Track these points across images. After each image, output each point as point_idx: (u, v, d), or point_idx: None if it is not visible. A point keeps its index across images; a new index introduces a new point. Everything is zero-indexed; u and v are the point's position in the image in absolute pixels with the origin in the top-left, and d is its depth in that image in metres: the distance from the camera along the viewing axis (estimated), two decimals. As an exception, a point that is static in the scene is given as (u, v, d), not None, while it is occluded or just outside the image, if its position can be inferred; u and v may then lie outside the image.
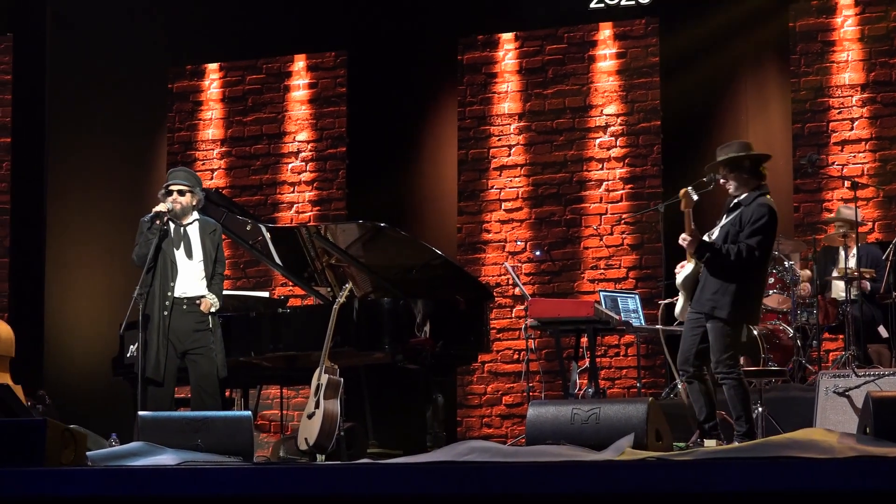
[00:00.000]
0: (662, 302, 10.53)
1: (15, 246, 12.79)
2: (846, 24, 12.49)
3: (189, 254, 9.47)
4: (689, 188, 8.45)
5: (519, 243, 13.07)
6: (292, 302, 12.27)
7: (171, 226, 9.46)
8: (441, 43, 13.55)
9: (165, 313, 9.28)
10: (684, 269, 8.61)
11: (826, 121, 12.44)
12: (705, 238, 8.51)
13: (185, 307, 9.37)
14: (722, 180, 8.62)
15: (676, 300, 8.93)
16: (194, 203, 9.57)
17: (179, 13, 13.96)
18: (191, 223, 9.55)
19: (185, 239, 9.49)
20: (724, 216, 8.63)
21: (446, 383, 11.19)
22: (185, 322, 9.35)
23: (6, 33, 14.04)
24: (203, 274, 9.49)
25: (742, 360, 9.55)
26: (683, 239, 8.44)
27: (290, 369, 10.92)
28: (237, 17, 13.90)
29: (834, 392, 9.33)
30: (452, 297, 10.48)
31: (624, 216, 12.81)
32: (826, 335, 11.35)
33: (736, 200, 8.59)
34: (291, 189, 13.81)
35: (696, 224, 8.46)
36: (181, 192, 9.49)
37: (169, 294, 9.33)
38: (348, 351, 10.05)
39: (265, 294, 12.19)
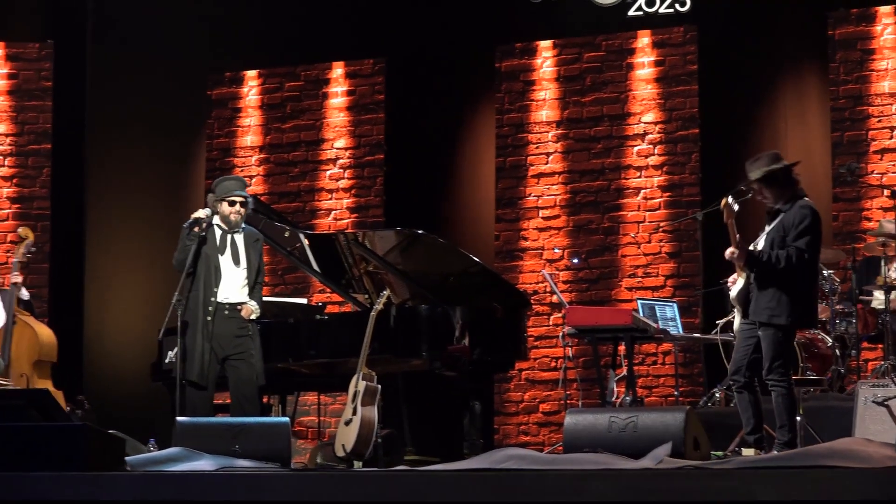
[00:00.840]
0: (720, 322, 10.50)
1: (55, 252, 12.86)
2: (886, 32, 12.43)
3: (236, 261, 9.49)
4: (729, 198, 8.41)
5: (556, 251, 13.05)
6: (330, 309, 12.28)
7: (217, 232, 9.49)
8: (479, 50, 13.56)
9: (209, 318, 9.31)
10: (736, 285, 8.58)
11: (865, 129, 12.39)
12: (750, 249, 8.49)
13: (227, 313, 9.40)
14: (759, 196, 8.60)
15: (732, 317, 8.94)
16: (245, 213, 9.64)
17: (218, 20, 14.02)
18: (238, 231, 9.59)
19: (233, 246, 9.51)
20: (767, 225, 8.61)
21: (483, 391, 11.19)
22: (227, 328, 9.38)
23: (47, 40, 14.11)
24: (246, 282, 9.51)
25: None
26: (731, 253, 8.42)
27: (327, 376, 10.93)
28: (276, 25, 13.94)
29: (873, 402, 9.29)
30: (490, 304, 10.48)
31: (662, 224, 12.78)
32: (865, 344, 11.29)
33: (776, 208, 8.57)
34: (329, 196, 13.83)
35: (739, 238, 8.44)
36: (243, 204, 9.53)
37: (212, 299, 9.36)
38: (386, 358, 10.06)
39: (303, 301, 12.21)
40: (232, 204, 9.50)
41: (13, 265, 11.27)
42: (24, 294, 11.31)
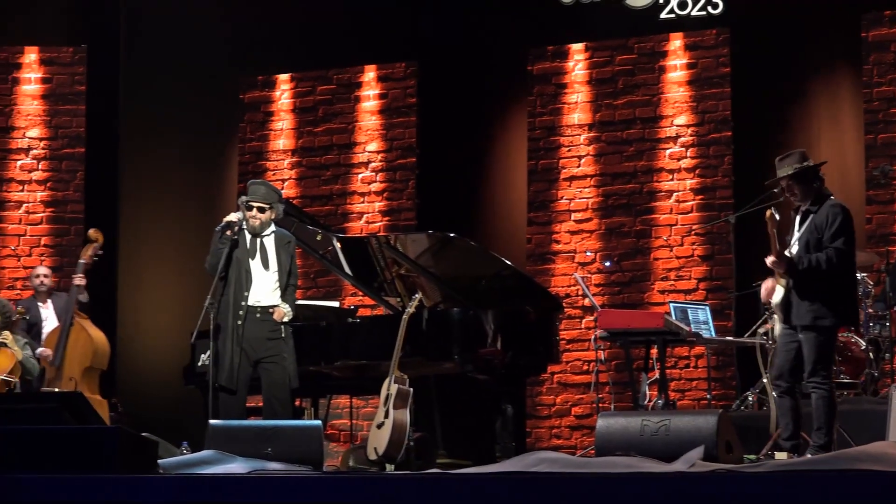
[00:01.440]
0: (760, 330, 10.47)
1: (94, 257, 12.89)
2: (920, 34, 12.40)
3: (265, 264, 9.52)
4: (772, 209, 8.43)
5: (589, 254, 13.04)
6: (362, 312, 12.30)
7: (248, 236, 9.52)
8: (511, 53, 13.56)
9: (239, 322, 9.33)
10: (776, 293, 8.57)
11: (900, 131, 12.36)
12: (786, 254, 8.49)
13: (258, 315, 9.42)
14: (787, 193, 8.60)
15: (772, 326, 8.94)
16: (272, 217, 9.64)
17: (251, 24, 14.06)
18: (268, 235, 9.61)
19: (262, 250, 9.54)
20: (797, 228, 8.60)
21: (515, 394, 11.18)
22: (259, 331, 9.40)
23: (80, 44, 14.17)
24: (277, 285, 9.53)
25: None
26: (773, 262, 8.42)
27: (359, 379, 10.94)
28: (308, 28, 13.97)
29: (907, 405, 9.25)
30: (522, 307, 10.48)
31: (694, 227, 12.76)
32: (899, 348, 11.25)
33: (804, 209, 8.57)
34: (361, 199, 13.85)
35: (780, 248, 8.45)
36: (260, 209, 9.54)
37: (243, 303, 9.38)
38: (418, 361, 10.07)
39: (335, 304, 12.23)
40: (249, 208, 9.53)
41: (78, 266, 11.35)
42: (84, 297, 11.38)
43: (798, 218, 8.64)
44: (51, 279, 11.91)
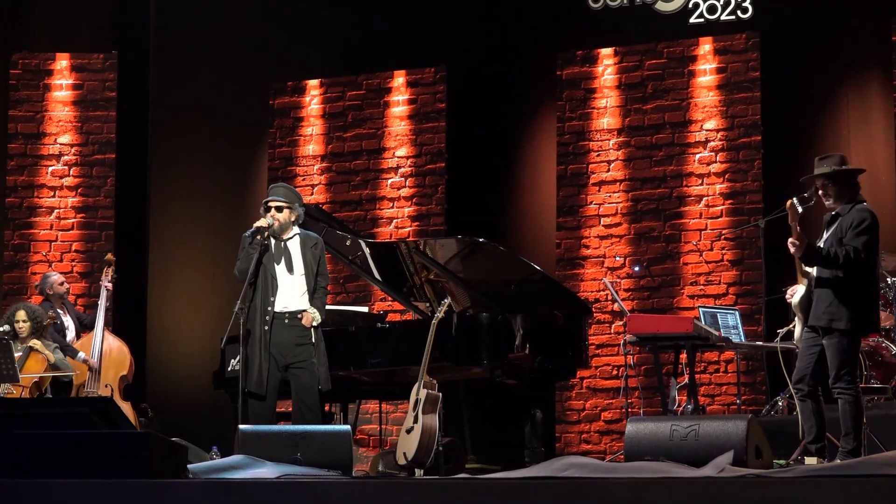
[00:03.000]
0: (781, 331, 10.45)
1: (119, 260, 12.94)
2: (951, 36, 12.36)
3: (290, 268, 9.53)
4: (795, 199, 8.41)
5: (618, 259, 13.03)
6: (391, 317, 12.31)
7: (272, 241, 9.53)
8: (540, 58, 13.56)
9: (266, 328, 9.34)
10: (797, 292, 8.56)
11: (930, 134, 12.32)
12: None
13: (286, 321, 9.43)
14: (821, 192, 8.59)
15: (793, 326, 8.92)
16: (293, 219, 9.62)
17: (280, 30, 14.10)
18: (291, 238, 9.61)
19: (286, 254, 9.54)
20: (825, 231, 8.59)
21: (545, 399, 11.18)
22: (287, 336, 9.41)
23: (111, 51, 14.23)
24: (304, 288, 9.53)
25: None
26: (792, 243, 8.39)
27: (388, 384, 10.96)
28: (337, 34, 14.00)
29: (938, 410, 9.24)
30: (551, 312, 10.48)
31: (724, 232, 12.73)
32: (930, 352, 11.21)
33: (834, 213, 8.57)
34: (391, 204, 13.87)
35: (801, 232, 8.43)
36: (279, 209, 9.54)
37: (269, 309, 9.39)
38: (447, 366, 10.08)
39: (364, 309, 12.24)
40: (268, 209, 9.55)
41: (103, 285, 11.44)
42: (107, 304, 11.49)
43: (828, 221, 8.64)
44: (66, 286, 12.00)
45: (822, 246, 8.49)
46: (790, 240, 8.42)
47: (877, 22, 12.48)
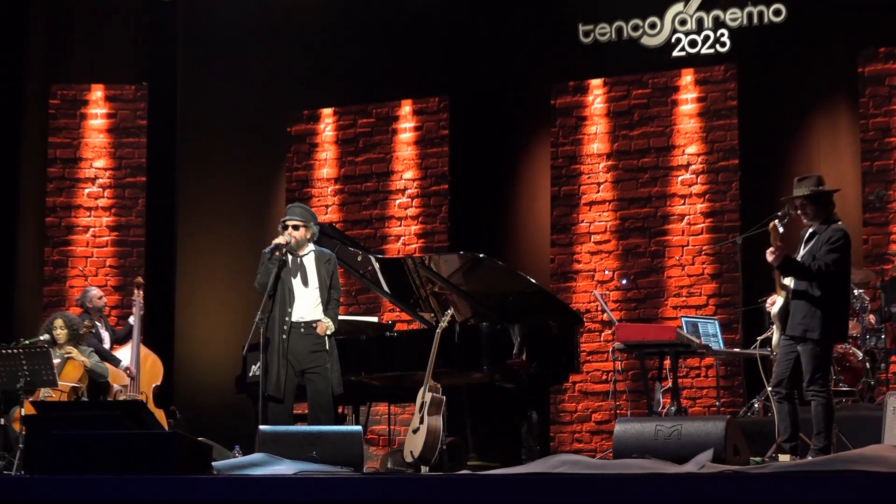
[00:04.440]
0: (760, 338, 10.45)
1: (149, 274, 12.95)
2: (912, 69, 12.37)
3: (305, 282, 9.53)
4: (776, 222, 8.41)
5: (607, 273, 13.03)
6: (399, 326, 12.30)
7: (290, 257, 9.53)
8: (535, 88, 13.56)
9: (284, 336, 9.35)
10: (776, 304, 8.58)
11: (893, 159, 12.29)
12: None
13: (302, 330, 9.44)
14: (799, 211, 8.59)
15: (771, 333, 8.93)
16: (308, 236, 9.63)
17: (297, 63, 14.11)
18: (307, 254, 9.62)
19: (302, 269, 9.55)
20: (802, 248, 8.59)
21: (540, 401, 11.17)
22: (303, 344, 9.42)
23: (142, 83, 14.26)
24: (319, 300, 9.54)
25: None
26: (771, 252, 8.40)
27: (396, 388, 10.96)
28: (349, 67, 14.01)
29: (901, 411, 9.22)
30: (546, 322, 10.48)
31: (704, 248, 12.73)
32: (893, 358, 11.21)
33: (811, 231, 8.57)
34: (398, 223, 13.87)
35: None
36: (296, 227, 9.55)
37: (287, 319, 9.39)
38: (450, 371, 10.07)
39: (374, 319, 12.24)
40: (285, 227, 9.56)
41: (136, 305, 11.47)
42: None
43: (805, 237, 8.64)
44: (104, 300, 12.01)
45: (798, 259, 8.51)
46: (769, 250, 8.43)
47: (844, 55, 12.49)
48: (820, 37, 12.48)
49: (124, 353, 11.45)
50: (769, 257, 8.42)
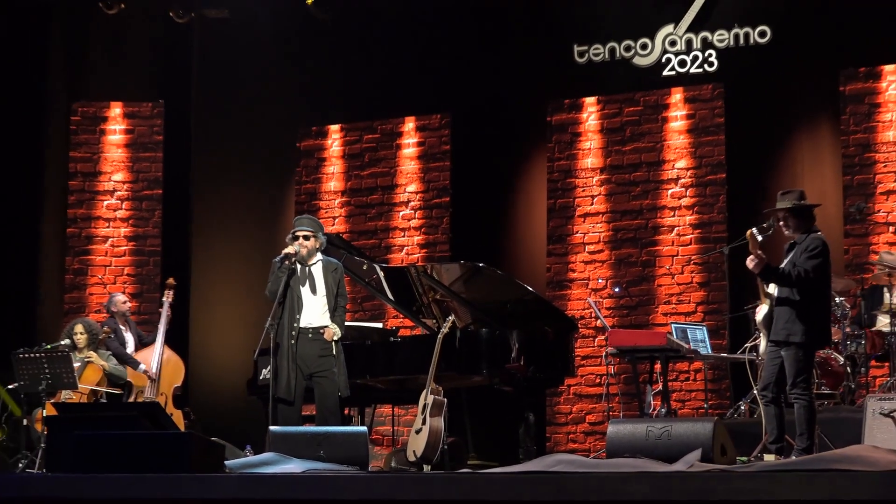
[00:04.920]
0: (748, 344, 10.45)
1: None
2: (890, 87, 12.36)
3: (313, 290, 9.53)
4: (754, 229, 8.44)
5: (600, 281, 13.03)
6: (403, 332, 12.30)
7: (299, 266, 9.53)
8: (532, 106, 13.57)
9: (293, 342, 9.34)
10: (760, 311, 8.59)
11: (873, 173, 12.31)
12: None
13: (310, 336, 9.43)
14: (781, 223, 8.60)
15: (758, 341, 8.96)
16: (317, 246, 9.63)
17: (306, 81, 14.13)
18: (315, 263, 9.62)
19: (310, 277, 9.55)
20: (785, 258, 8.60)
21: (537, 403, 11.15)
22: (311, 349, 9.41)
23: (158, 100, 14.27)
24: (326, 307, 9.54)
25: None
26: (751, 260, 8.41)
27: (400, 390, 10.94)
28: (355, 85, 14.02)
29: (880, 413, 9.21)
30: (542, 327, 10.47)
31: (693, 258, 12.73)
32: (873, 363, 11.19)
33: (793, 241, 8.59)
34: (402, 234, 13.87)
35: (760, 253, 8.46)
36: (305, 238, 9.56)
37: (296, 325, 9.39)
38: (451, 375, 10.06)
39: (379, 325, 12.23)
40: (295, 238, 9.56)
41: (165, 306, 11.46)
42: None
43: (787, 248, 8.66)
44: (128, 305, 12.00)
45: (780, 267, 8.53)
46: (749, 258, 8.45)
47: (826, 74, 12.50)
48: (803, 57, 12.49)
49: (148, 355, 11.43)
50: (749, 264, 8.45)
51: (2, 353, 11.09)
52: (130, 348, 11.71)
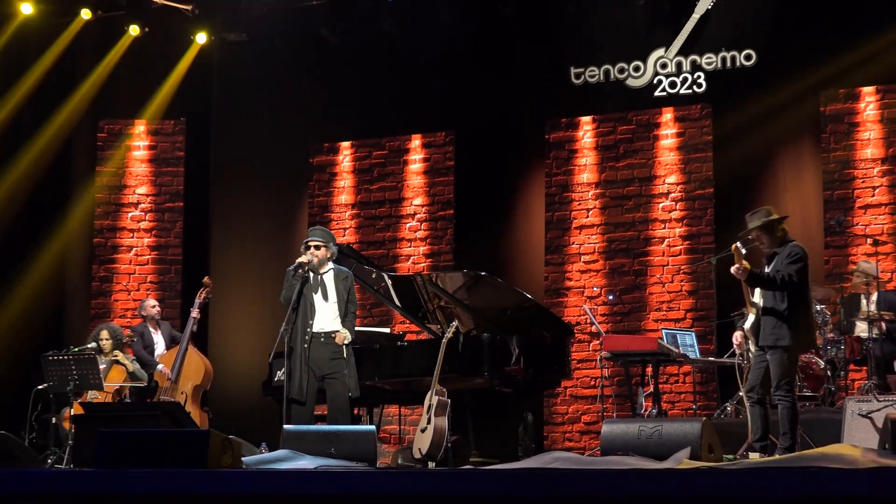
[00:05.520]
0: (738, 352, 10.45)
1: (186, 290, 12.95)
2: (868, 108, 12.37)
3: (325, 297, 9.52)
4: (738, 243, 8.47)
5: (595, 289, 13.03)
6: (409, 336, 12.30)
7: (311, 274, 9.53)
8: (531, 124, 13.58)
9: (306, 345, 9.34)
10: (748, 319, 8.61)
11: (852, 188, 12.31)
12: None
13: (322, 340, 9.43)
14: (756, 242, 8.65)
15: (742, 349, 9.00)
16: (328, 256, 9.63)
17: (318, 101, 14.15)
18: (327, 272, 9.62)
19: (322, 285, 9.55)
20: (767, 266, 8.62)
21: (535, 404, 11.17)
22: (323, 352, 9.41)
23: (180, 118, 14.29)
24: (337, 313, 9.53)
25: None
26: (736, 269, 8.43)
27: (406, 391, 10.93)
28: (365, 105, 14.04)
29: (858, 414, 9.22)
30: (540, 333, 10.47)
31: (682, 267, 12.73)
32: (852, 367, 11.20)
33: (772, 252, 8.61)
34: (408, 244, 13.88)
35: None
36: (317, 248, 9.56)
37: (308, 330, 9.38)
38: (454, 377, 10.06)
39: (387, 330, 12.22)
40: (308, 248, 9.56)
41: (195, 304, 11.42)
42: (195, 328, 11.47)
43: (767, 258, 8.67)
44: (158, 309, 12.00)
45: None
46: (734, 267, 8.47)
47: (808, 95, 12.50)
48: (786, 79, 12.50)
49: (175, 354, 11.42)
50: (733, 270, 8.48)
51: (33, 355, 11.11)
52: (160, 349, 11.71)
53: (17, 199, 13.70)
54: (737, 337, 9.07)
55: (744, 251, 8.48)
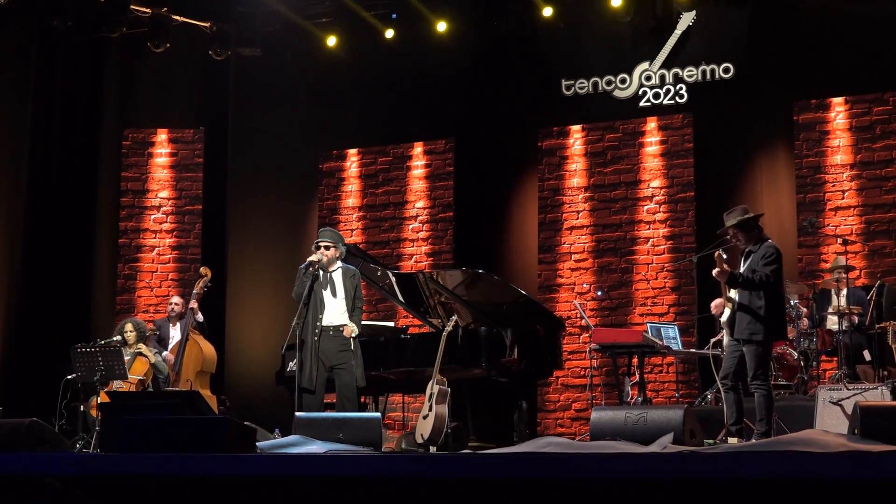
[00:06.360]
0: (713, 340, 10.45)
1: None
2: (838, 117, 12.37)
3: (334, 293, 9.52)
4: (720, 251, 8.47)
5: (585, 286, 13.03)
6: (412, 330, 12.30)
7: (321, 272, 9.53)
8: (525, 133, 13.59)
9: (316, 338, 9.33)
10: (724, 313, 8.61)
11: (823, 192, 12.31)
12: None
13: (331, 333, 9.42)
14: (733, 239, 8.64)
15: (722, 336, 9.01)
16: (337, 255, 9.63)
17: (327, 111, 14.16)
18: (335, 270, 9.61)
19: (331, 282, 9.54)
20: (742, 264, 8.62)
21: (529, 393, 11.16)
22: (332, 344, 9.40)
23: (199, 127, 14.30)
24: (345, 308, 9.52)
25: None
26: (716, 271, 8.44)
27: (409, 381, 10.93)
28: (371, 114, 14.06)
29: (829, 402, 9.22)
30: (534, 326, 10.46)
31: (666, 265, 12.74)
32: (823, 358, 11.19)
33: (748, 250, 8.60)
34: (411, 244, 13.88)
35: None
36: (326, 247, 9.55)
37: (318, 324, 9.38)
38: (454, 367, 10.06)
39: (391, 324, 12.24)
40: (318, 248, 9.56)
41: (192, 295, 11.40)
42: (199, 317, 11.45)
43: (742, 257, 8.68)
44: (181, 306, 11.98)
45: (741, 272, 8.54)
46: (715, 271, 8.46)
47: (782, 105, 12.53)
48: (762, 91, 12.52)
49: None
50: (714, 274, 8.48)
51: (62, 347, 11.10)
52: (175, 343, 11.70)
53: (49, 203, 13.69)
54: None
55: (725, 256, 8.49)
